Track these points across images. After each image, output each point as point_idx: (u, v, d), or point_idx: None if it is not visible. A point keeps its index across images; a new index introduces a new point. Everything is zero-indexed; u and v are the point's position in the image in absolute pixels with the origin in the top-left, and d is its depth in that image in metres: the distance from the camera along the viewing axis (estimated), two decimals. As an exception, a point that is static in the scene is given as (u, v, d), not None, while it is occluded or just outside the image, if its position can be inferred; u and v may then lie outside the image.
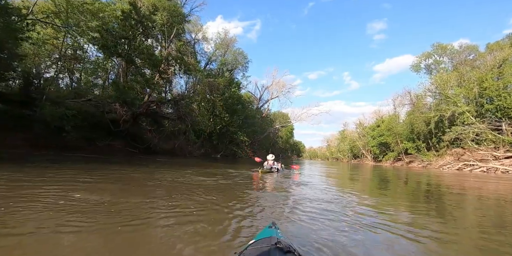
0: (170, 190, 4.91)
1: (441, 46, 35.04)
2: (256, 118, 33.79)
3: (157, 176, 6.94)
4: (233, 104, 24.63)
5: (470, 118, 27.02)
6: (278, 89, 45.55)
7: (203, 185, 5.77)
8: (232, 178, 7.55)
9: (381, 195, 6.17)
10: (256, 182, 7.10)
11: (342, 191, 6.35)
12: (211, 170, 9.91)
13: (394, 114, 45.69)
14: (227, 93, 23.74)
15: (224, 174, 8.78)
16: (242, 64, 35.52)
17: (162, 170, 8.83)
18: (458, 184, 10.43)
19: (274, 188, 6.17)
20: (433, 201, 5.64)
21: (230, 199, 4.18)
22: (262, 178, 7.99)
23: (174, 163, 12.91)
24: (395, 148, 42.64)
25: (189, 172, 8.60)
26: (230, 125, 25.98)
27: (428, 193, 7.12)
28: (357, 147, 62.13)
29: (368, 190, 7.31)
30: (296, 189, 6.08)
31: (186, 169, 9.78)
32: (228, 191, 5.15)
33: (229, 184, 6.19)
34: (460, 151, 32.51)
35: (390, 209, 4.30)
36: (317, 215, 3.38)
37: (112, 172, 7.27)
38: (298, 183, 7.52)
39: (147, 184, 5.52)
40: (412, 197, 6.39)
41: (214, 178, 7.19)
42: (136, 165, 10.22)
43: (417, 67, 38.61)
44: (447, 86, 27.59)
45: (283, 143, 72.57)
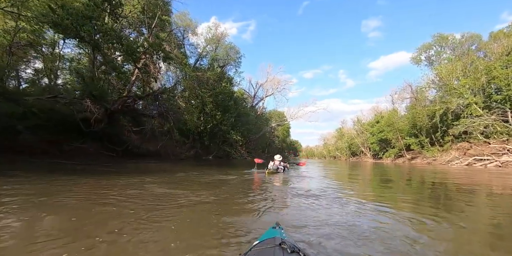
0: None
1: (442, 37, 33.49)
2: (250, 116, 31.76)
3: (106, 190, 4.90)
4: (224, 100, 22.55)
5: (477, 110, 25.38)
6: (273, 86, 43.68)
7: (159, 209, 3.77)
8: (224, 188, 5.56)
9: (393, 196, 5.23)
10: (258, 183, 6.68)
11: (347, 193, 5.48)
12: (192, 177, 7.91)
13: (394, 109, 44.05)
14: (217, 88, 21.67)
15: (208, 184, 6.79)
16: (234, 60, 33.47)
17: (126, 178, 6.77)
18: (479, 181, 8.77)
19: (277, 189, 5.79)
20: (463, 208, 4.16)
21: (232, 200, 4.06)
22: (267, 179, 7.50)
23: (154, 167, 10.88)
24: (396, 144, 41.01)
25: (159, 180, 6.58)
26: (221, 123, 23.90)
27: (451, 193, 5.90)
28: (356, 144, 60.55)
29: (375, 189, 6.70)
30: (300, 190, 5.46)
31: (165, 175, 7.77)
32: (229, 192, 4.92)
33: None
34: (466, 146, 30.93)
35: (405, 212, 3.57)
36: (322, 215, 3.21)
37: (51, 183, 5.21)
38: (301, 183, 6.86)
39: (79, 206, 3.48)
40: (432, 199, 5.04)
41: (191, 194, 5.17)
42: (99, 172, 8.13)
43: (417, 60, 37.04)
44: (452, 76, 25.90)
45: (279, 143, 70.65)
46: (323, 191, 5.32)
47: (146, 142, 18.23)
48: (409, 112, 34.18)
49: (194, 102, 21.25)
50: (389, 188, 6.71)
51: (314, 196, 4.56)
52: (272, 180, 7.16)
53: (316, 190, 5.41)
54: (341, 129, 77.10)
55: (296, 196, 4.53)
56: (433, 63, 35.69)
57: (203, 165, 13.77)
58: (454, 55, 29.78)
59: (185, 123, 17.80)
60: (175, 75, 23.19)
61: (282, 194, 4.84)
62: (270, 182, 6.84)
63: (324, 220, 2.93)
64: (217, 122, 23.52)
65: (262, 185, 6.22)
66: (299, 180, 7.71)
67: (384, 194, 5.49)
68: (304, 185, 6.25)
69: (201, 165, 13.56)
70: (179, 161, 16.71)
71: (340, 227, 2.65)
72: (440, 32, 33.95)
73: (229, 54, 33.15)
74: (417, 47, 36.64)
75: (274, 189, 5.55)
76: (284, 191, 5.23)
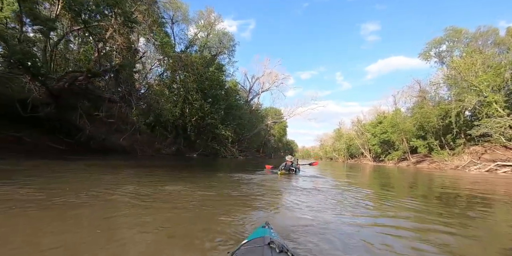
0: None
1: (456, 30, 30.57)
2: (243, 109, 28.45)
3: None
4: (212, 88, 19.15)
5: (497, 110, 22.53)
6: (270, 80, 40.48)
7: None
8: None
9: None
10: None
11: (356, 196, 4.67)
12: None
13: (398, 109, 41.21)
14: (204, 74, 18.34)
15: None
16: (228, 48, 30.11)
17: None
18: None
19: (272, 189, 5.34)
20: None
21: (222, 199, 3.91)
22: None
23: (104, 166, 7.63)
24: (400, 146, 38.15)
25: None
26: (209, 116, 20.58)
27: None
28: (355, 145, 57.68)
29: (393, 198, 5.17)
30: (296, 191, 5.11)
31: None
32: (221, 190, 4.72)
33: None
34: (479, 150, 28.14)
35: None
36: (314, 216, 3.04)
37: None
38: (306, 185, 6.11)
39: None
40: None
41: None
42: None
43: (426, 55, 34.11)
44: (471, 71, 22.97)
45: (275, 142, 67.47)
46: (324, 192, 4.97)
47: (116, 135, 14.89)
48: (417, 111, 31.20)
49: (176, 87, 17.88)
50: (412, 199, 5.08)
51: (312, 196, 4.32)
52: (283, 182, 6.62)
53: (318, 191, 5.13)
54: (339, 129, 74.27)
55: (293, 196, 4.30)
56: (444, 60, 32.85)
57: (172, 167, 10.55)
58: (468, 50, 26.84)
59: (159, 112, 14.47)
60: (157, 58, 19.78)
61: (280, 194, 4.66)
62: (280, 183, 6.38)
63: (316, 221, 2.77)
64: (204, 114, 20.22)
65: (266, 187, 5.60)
66: (308, 181, 7.07)
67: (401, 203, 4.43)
68: (308, 186, 5.88)
69: (166, 167, 10.33)
70: (147, 159, 13.42)
71: (332, 229, 2.50)
72: (454, 25, 31.07)
73: (222, 41, 29.80)
74: (427, 42, 33.69)
75: (274, 190, 5.23)
76: (284, 192, 5.02)
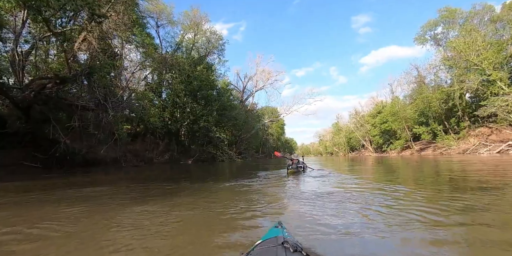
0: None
1: (450, 10, 29.64)
2: (237, 109, 27.15)
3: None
4: (200, 88, 17.79)
5: (502, 88, 21.56)
6: (264, 78, 39.28)
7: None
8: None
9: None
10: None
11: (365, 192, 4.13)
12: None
13: (397, 97, 40.31)
14: (191, 74, 17.02)
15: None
16: (217, 47, 28.83)
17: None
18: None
19: (283, 187, 5.35)
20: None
21: (234, 199, 3.82)
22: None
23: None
24: (402, 135, 37.17)
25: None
26: (201, 118, 19.25)
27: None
28: (355, 138, 56.70)
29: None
30: (308, 188, 4.93)
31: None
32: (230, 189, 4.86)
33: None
34: (486, 131, 27.19)
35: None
36: (328, 214, 2.82)
37: None
38: (313, 182, 5.83)
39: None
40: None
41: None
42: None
43: (422, 39, 33.15)
44: (471, 50, 21.99)
45: (274, 141, 66.25)
46: (332, 192, 4.34)
47: (100, 146, 13.53)
48: (417, 97, 30.20)
49: (162, 90, 16.57)
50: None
51: (322, 195, 3.92)
52: (292, 180, 6.39)
53: (326, 189, 4.59)
54: (337, 123, 73.32)
55: (302, 195, 4.04)
56: (440, 42, 31.95)
57: (157, 179, 9.32)
58: (467, 28, 25.84)
59: (147, 119, 13.19)
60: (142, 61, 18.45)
61: (289, 193, 4.38)
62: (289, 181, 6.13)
63: (329, 220, 2.58)
64: (196, 117, 18.91)
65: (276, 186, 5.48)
66: (314, 179, 6.60)
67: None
68: (315, 184, 5.51)
69: (149, 179, 9.09)
70: (133, 170, 12.14)
71: (346, 227, 2.31)
72: (448, 6, 30.14)
73: (211, 41, 28.53)
74: (421, 26, 32.74)
75: (284, 189, 5.06)
76: (293, 190, 4.71)
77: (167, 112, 17.89)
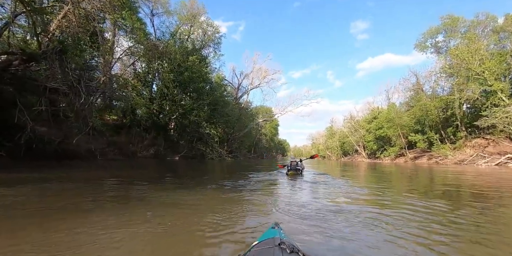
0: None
1: (453, 18, 29.24)
2: (231, 105, 26.06)
3: None
4: (192, 79, 16.62)
5: (502, 99, 21.09)
6: (260, 76, 38.27)
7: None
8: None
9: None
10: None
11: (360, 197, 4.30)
12: None
13: (393, 103, 39.87)
14: (182, 64, 15.86)
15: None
16: (213, 40, 27.70)
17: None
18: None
19: (279, 188, 5.35)
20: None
21: (231, 200, 3.73)
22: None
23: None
24: (397, 142, 36.68)
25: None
26: (191, 112, 18.09)
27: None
28: (349, 143, 56.21)
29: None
30: (303, 189, 5.14)
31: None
32: (228, 191, 4.55)
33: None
34: (482, 142, 26.80)
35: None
36: (324, 216, 2.85)
37: None
38: (310, 184, 5.93)
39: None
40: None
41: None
42: None
43: (422, 46, 32.75)
44: (474, 58, 21.46)
45: (267, 142, 65.35)
46: (330, 192, 4.65)
47: (80, 137, 12.27)
48: (416, 105, 29.66)
49: (150, 79, 15.37)
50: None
51: (318, 197, 4.10)
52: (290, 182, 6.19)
53: (324, 191, 4.83)
54: (331, 127, 72.89)
55: (298, 197, 4.16)
56: (440, 50, 31.57)
57: (130, 175, 8.29)
58: (471, 36, 25.38)
59: (131, 109, 12.04)
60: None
61: (284, 194, 4.50)
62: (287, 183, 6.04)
63: (326, 221, 2.63)
64: (185, 110, 17.77)
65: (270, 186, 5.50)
66: (310, 180, 6.64)
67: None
68: (313, 186, 5.62)
69: (123, 176, 8.06)
70: (108, 165, 10.99)
71: (342, 228, 2.37)
72: (450, 13, 29.73)
73: (207, 33, 27.39)
74: (423, 32, 32.33)
75: (278, 190, 5.07)
76: (288, 192, 4.79)
77: (155, 104, 16.71)
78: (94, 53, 10.76)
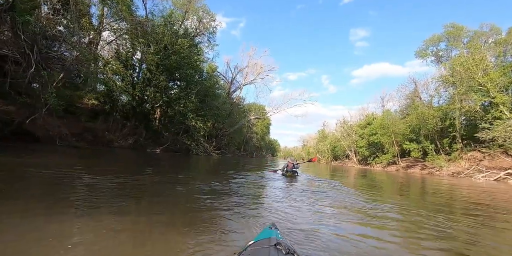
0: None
1: (457, 27, 28.54)
2: (221, 98, 24.46)
3: None
4: (179, 65, 14.91)
5: (503, 113, 20.36)
6: (255, 72, 36.74)
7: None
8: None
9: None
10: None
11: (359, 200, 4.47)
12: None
13: (388, 110, 39.19)
14: (170, 46, 14.19)
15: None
16: (208, 28, 26.05)
17: None
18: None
19: (276, 188, 5.32)
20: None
21: (227, 199, 3.65)
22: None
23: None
24: (390, 149, 35.93)
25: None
26: (176, 102, 16.45)
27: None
28: (341, 147, 55.47)
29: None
30: (298, 190, 5.22)
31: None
32: (224, 191, 4.42)
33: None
34: (478, 156, 26.21)
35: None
36: (320, 217, 2.94)
37: None
38: (306, 186, 6.16)
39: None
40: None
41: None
42: None
43: (423, 54, 32.00)
44: (478, 68, 20.66)
45: (258, 140, 63.97)
46: (326, 194, 4.77)
47: (46, 118, 10.57)
48: (413, 112, 28.83)
49: (134, 61, 13.68)
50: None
51: (314, 198, 4.14)
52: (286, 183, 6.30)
53: (320, 193, 4.93)
54: (323, 130, 72.22)
55: (295, 198, 4.17)
56: (441, 59, 30.89)
57: (90, 166, 6.83)
58: (476, 45, 24.66)
59: (109, 92, 10.35)
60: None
61: (281, 195, 4.46)
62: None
63: (321, 223, 2.66)
64: (170, 99, 16.15)
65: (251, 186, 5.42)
66: (307, 182, 6.78)
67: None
68: (308, 187, 5.74)
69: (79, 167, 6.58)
70: (71, 152, 9.38)
71: (338, 231, 2.39)
72: (454, 22, 29.03)
73: (202, 21, 25.73)
74: (424, 40, 31.59)
75: (275, 191, 5.02)
76: (285, 193, 4.81)
77: (137, 89, 15.06)
78: (62, 19, 9.08)
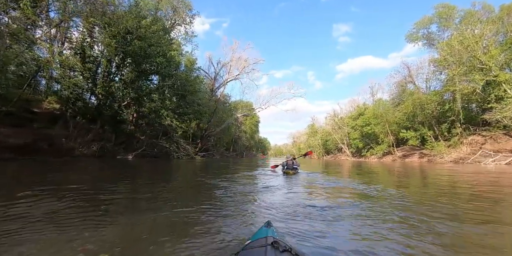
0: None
1: (448, 7, 27.22)
2: (202, 93, 21.93)
3: None
4: (146, 53, 12.29)
5: (506, 91, 19.04)
6: (240, 66, 34.34)
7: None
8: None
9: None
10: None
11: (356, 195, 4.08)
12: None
13: (380, 98, 37.83)
14: (133, 30, 11.66)
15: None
16: (184, 18, 23.47)
17: None
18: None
19: (272, 186, 5.03)
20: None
21: (222, 198, 3.61)
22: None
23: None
24: (385, 139, 34.53)
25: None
26: (147, 97, 13.86)
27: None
28: (333, 141, 54.04)
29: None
30: (295, 187, 4.98)
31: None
32: (218, 190, 4.29)
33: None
34: (479, 140, 25.04)
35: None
36: (316, 215, 2.74)
37: None
38: (303, 182, 5.74)
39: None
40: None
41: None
42: None
43: (414, 37, 30.62)
44: (478, 46, 19.20)
45: (247, 139, 61.62)
46: (323, 191, 4.48)
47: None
48: (409, 98, 27.33)
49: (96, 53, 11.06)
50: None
51: (311, 196, 3.98)
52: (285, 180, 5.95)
53: (316, 190, 4.69)
54: (313, 125, 70.75)
55: (291, 195, 4.00)
56: (433, 42, 29.56)
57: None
58: (475, 20, 23.27)
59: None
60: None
61: (277, 193, 4.23)
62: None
63: (319, 220, 2.52)
64: (139, 95, 13.56)
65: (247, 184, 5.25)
66: (304, 179, 6.43)
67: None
68: (305, 183, 5.58)
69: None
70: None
71: (334, 227, 2.30)
72: (445, 2, 27.72)
73: (177, 10, 23.13)
74: (415, 22, 30.19)
75: (270, 188, 4.75)
76: (282, 190, 4.56)
77: (99, 85, 12.44)
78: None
